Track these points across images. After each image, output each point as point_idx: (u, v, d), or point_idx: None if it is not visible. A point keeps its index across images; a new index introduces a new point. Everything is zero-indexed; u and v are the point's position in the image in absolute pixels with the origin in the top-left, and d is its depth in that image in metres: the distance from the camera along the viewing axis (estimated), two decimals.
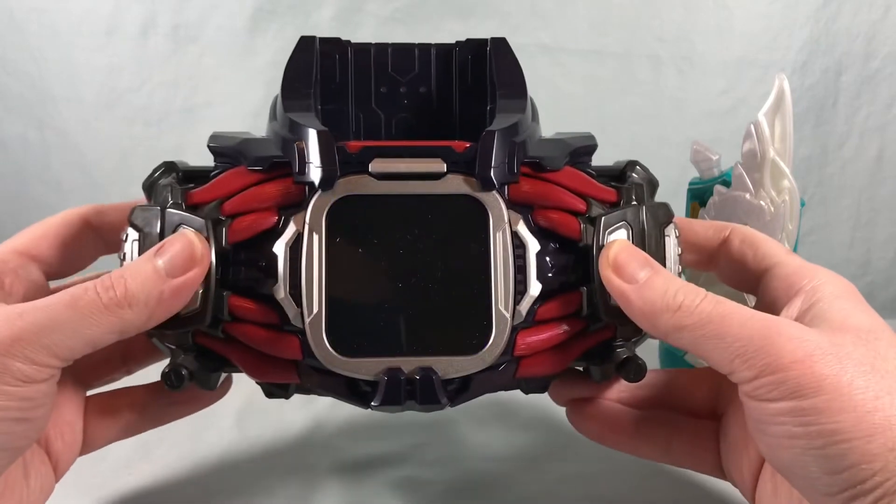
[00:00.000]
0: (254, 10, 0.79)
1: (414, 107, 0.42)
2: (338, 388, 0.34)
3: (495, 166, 0.33)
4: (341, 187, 0.33)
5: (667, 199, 0.83)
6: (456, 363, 0.33)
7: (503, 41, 0.40)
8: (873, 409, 0.26)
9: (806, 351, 0.28)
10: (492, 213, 0.33)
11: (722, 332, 0.29)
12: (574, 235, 0.34)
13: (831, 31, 0.77)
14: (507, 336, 0.33)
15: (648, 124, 0.80)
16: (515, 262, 0.33)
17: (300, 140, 0.33)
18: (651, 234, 0.34)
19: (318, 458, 0.45)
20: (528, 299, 0.33)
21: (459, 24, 0.79)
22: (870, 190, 0.80)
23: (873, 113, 0.79)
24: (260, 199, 0.34)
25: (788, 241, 0.47)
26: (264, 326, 0.33)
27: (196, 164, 0.37)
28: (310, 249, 0.33)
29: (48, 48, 0.79)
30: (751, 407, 0.29)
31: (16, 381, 0.27)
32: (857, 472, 0.26)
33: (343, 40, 0.41)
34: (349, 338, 0.33)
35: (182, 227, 0.33)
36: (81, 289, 0.29)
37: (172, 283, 0.30)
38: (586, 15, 0.79)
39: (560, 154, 0.35)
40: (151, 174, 0.36)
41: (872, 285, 0.80)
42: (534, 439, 0.48)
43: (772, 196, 0.47)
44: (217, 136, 0.36)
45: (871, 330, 0.29)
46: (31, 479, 0.32)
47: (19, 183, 0.82)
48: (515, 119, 0.35)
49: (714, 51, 0.79)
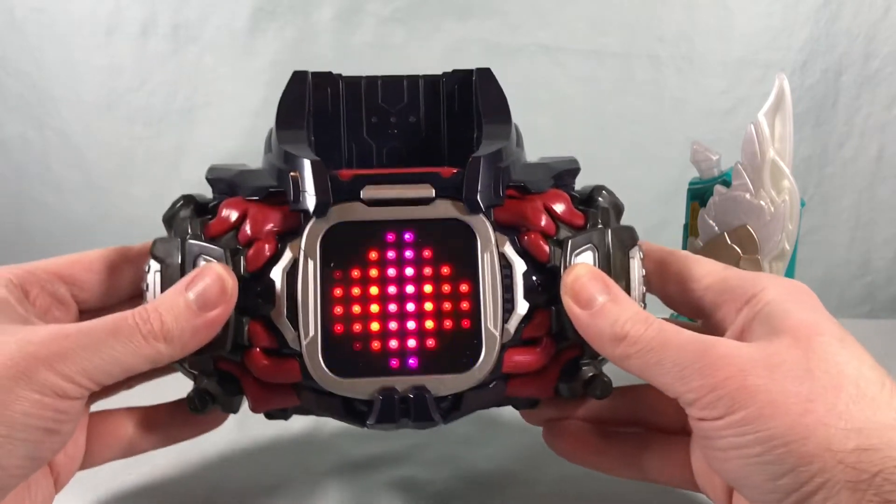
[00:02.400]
0: (253, 10, 0.79)
1: (404, 135, 0.43)
2: (335, 408, 0.35)
3: (481, 190, 0.34)
4: (334, 214, 0.34)
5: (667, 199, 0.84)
6: (448, 381, 0.34)
7: (488, 71, 0.42)
8: (805, 412, 0.27)
9: (737, 366, 0.28)
10: (479, 235, 0.34)
11: (662, 358, 0.30)
12: (543, 257, 0.35)
13: (831, 32, 0.77)
14: (497, 354, 0.34)
15: (648, 124, 0.80)
16: (503, 281, 0.34)
17: (295, 170, 0.34)
18: (616, 256, 0.35)
19: (318, 458, 0.45)
20: (515, 318, 0.35)
21: (459, 24, 0.79)
22: (870, 190, 0.80)
23: (873, 113, 0.79)
24: (264, 227, 0.35)
25: (788, 241, 0.47)
26: (263, 351, 0.35)
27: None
28: (305, 274, 0.34)
29: (48, 48, 0.80)
30: (696, 426, 0.30)
31: (52, 393, 0.28)
32: (796, 475, 0.27)
33: (334, 74, 0.42)
34: (344, 359, 0.34)
35: (202, 259, 0.34)
36: (121, 318, 0.30)
37: (206, 318, 0.31)
38: (586, 15, 0.79)
39: (544, 177, 0.37)
40: (171, 207, 0.37)
41: (872, 285, 0.80)
42: (534, 439, 0.48)
43: (772, 196, 0.47)
44: (215, 168, 0.38)
45: (812, 329, 0.30)
46: (33, 490, 0.33)
47: (19, 183, 0.82)
48: (500, 145, 0.36)
49: (714, 51, 0.79)
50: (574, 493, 0.42)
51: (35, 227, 0.82)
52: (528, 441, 0.48)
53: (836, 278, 0.81)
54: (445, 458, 0.46)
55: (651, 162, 0.80)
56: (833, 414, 0.27)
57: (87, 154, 0.82)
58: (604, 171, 0.90)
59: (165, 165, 0.82)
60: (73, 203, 0.83)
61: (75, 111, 0.81)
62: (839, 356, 0.29)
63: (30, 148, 0.82)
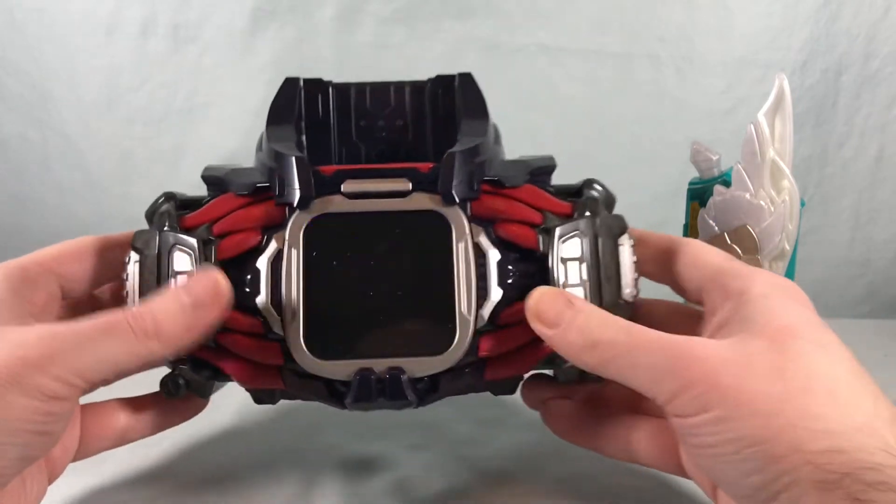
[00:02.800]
0: (254, 10, 0.79)
1: (391, 139, 0.45)
2: (317, 390, 0.37)
3: (457, 184, 0.36)
4: (317, 207, 0.36)
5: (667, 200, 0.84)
6: (424, 363, 0.36)
7: (469, 76, 0.44)
8: (776, 413, 0.27)
9: (710, 366, 0.29)
10: (454, 225, 0.36)
11: (635, 361, 0.31)
12: (532, 245, 0.37)
13: (831, 32, 0.77)
14: (471, 337, 0.36)
15: (648, 124, 0.80)
16: (477, 269, 0.36)
17: (281, 167, 0.37)
18: (605, 243, 0.37)
19: (318, 458, 0.45)
20: (489, 304, 0.36)
21: (459, 24, 0.79)
22: (870, 190, 0.80)
23: (873, 113, 0.79)
24: (245, 221, 0.37)
25: (788, 241, 0.47)
26: (250, 335, 0.36)
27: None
28: (289, 263, 0.36)
29: (48, 48, 0.80)
30: (672, 422, 0.31)
31: (43, 396, 0.29)
32: (766, 474, 0.27)
33: (325, 81, 0.44)
34: (325, 342, 0.36)
35: (177, 248, 0.36)
36: (114, 318, 0.31)
37: (196, 319, 0.32)
38: (586, 15, 0.79)
39: (519, 173, 0.39)
40: (153, 203, 0.40)
41: (872, 285, 0.80)
42: (534, 439, 0.48)
43: (772, 196, 0.47)
44: (209, 168, 0.40)
45: (790, 331, 0.30)
46: (27, 483, 0.33)
47: (19, 183, 0.82)
48: (477, 142, 0.38)
49: (714, 51, 0.79)
50: (574, 493, 0.42)
51: (35, 226, 0.82)
52: (527, 441, 0.48)
53: (836, 278, 0.81)
54: (445, 459, 0.46)
55: (651, 162, 0.80)
56: (804, 415, 0.27)
57: (87, 154, 0.82)
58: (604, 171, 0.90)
59: (165, 165, 0.82)
60: (74, 203, 0.83)
61: (75, 111, 0.81)
62: (814, 359, 0.29)
63: (30, 148, 0.82)
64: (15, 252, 0.74)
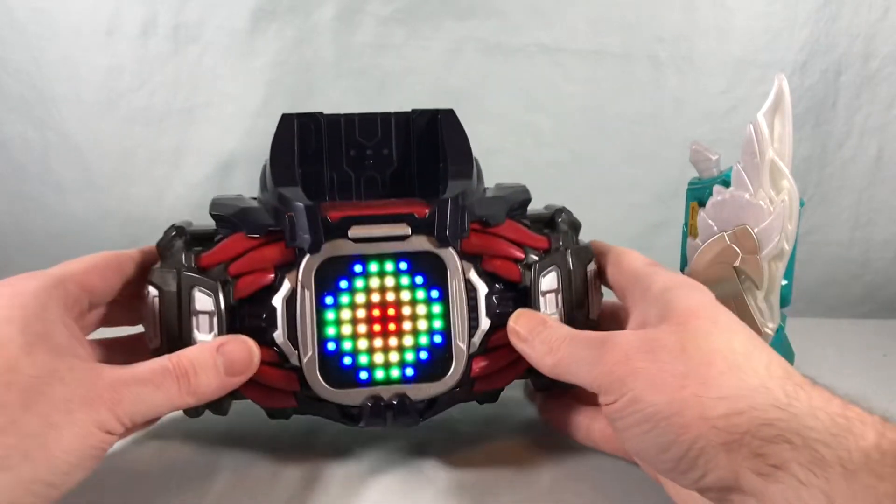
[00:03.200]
0: (254, 10, 0.79)
1: (378, 166, 0.50)
2: (330, 412, 0.42)
3: (449, 227, 0.41)
4: (326, 250, 0.41)
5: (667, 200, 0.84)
6: (425, 388, 0.41)
7: (451, 113, 0.48)
8: (681, 387, 0.31)
9: (625, 352, 0.33)
10: (449, 265, 0.41)
11: (578, 357, 0.36)
12: (515, 278, 0.43)
13: (831, 32, 0.77)
14: (465, 363, 0.41)
15: (648, 124, 0.80)
16: (469, 303, 0.42)
17: (291, 212, 0.41)
18: (576, 272, 0.44)
19: (318, 458, 0.45)
20: (480, 333, 0.42)
21: (459, 25, 0.79)
22: (869, 190, 0.80)
23: (873, 113, 0.79)
24: (260, 262, 0.42)
25: (788, 241, 0.48)
26: (267, 364, 0.41)
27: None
28: (303, 303, 0.40)
29: (49, 48, 0.80)
30: (604, 412, 0.34)
31: (105, 431, 0.32)
32: (679, 445, 0.30)
33: (317, 113, 0.48)
34: (338, 373, 0.41)
35: (197, 289, 0.41)
36: (162, 371, 0.35)
37: (230, 381, 0.38)
38: (586, 15, 0.79)
39: (501, 211, 0.44)
40: (164, 237, 0.44)
41: (872, 285, 0.80)
42: (533, 440, 0.48)
43: (771, 196, 0.47)
44: (218, 204, 0.44)
45: (689, 313, 0.34)
46: None
47: (19, 183, 0.82)
48: (464, 187, 0.43)
49: (714, 51, 0.79)
50: (574, 493, 0.42)
51: (35, 226, 0.82)
52: (527, 441, 0.48)
53: (835, 278, 0.81)
54: (445, 458, 0.46)
55: (651, 162, 0.80)
56: (705, 386, 0.30)
57: (87, 154, 0.82)
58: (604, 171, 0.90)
59: (166, 165, 0.82)
60: (74, 203, 0.83)
61: (76, 111, 0.81)
62: (711, 335, 0.33)
63: (30, 148, 0.82)
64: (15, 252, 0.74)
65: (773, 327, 0.50)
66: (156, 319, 0.41)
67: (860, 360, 0.63)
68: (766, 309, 0.49)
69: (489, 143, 0.80)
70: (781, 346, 0.54)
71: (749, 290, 0.49)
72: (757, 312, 0.49)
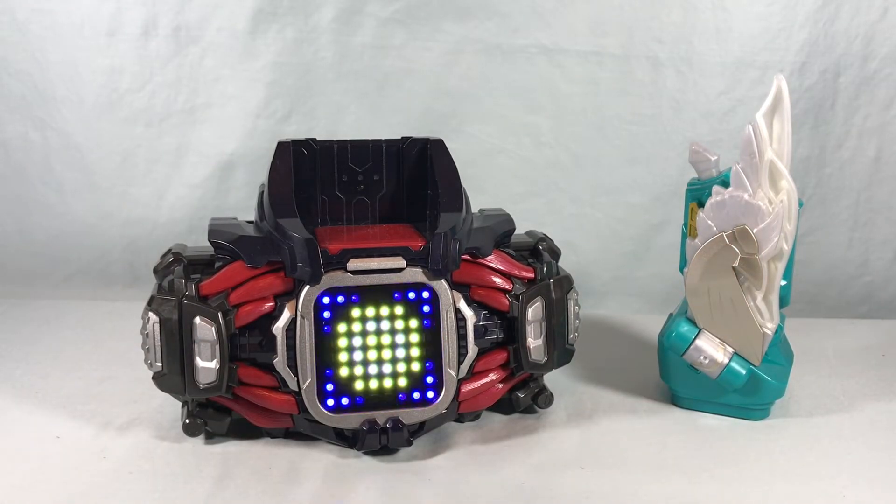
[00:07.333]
0: (254, 11, 0.79)
1: (369, 191, 0.51)
2: (327, 433, 0.45)
3: (442, 260, 0.44)
4: (324, 281, 0.43)
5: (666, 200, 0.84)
6: (416, 413, 0.45)
7: (440, 143, 0.50)
8: None
9: None
10: (441, 296, 0.44)
11: None
12: (503, 308, 0.47)
13: (830, 33, 0.77)
14: (454, 389, 0.45)
15: (648, 125, 0.80)
16: (459, 331, 0.45)
17: (291, 243, 0.43)
18: (559, 300, 0.48)
19: (318, 458, 0.45)
20: (468, 359, 0.45)
21: (459, 26, 0.79)
22: (868, 190, 0.80)
23: (871, 114, 0.79)
24: (260, 291, 0.43)
25: (787, 241, 0.48)
26: (267, 389, 0.44)
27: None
28: (302, 332, 0.43)
29: (50, 49, 0.80)
30: None
31: None
32: None
33: (311, 140, 0.49)
34: (335, 398, 0.44)
35: (199, 318, 0.42)
36: None
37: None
38: (586, 16, 0.79)
39: (489, 242, 0.47)
40: (161, 262, 0.45)
41: (871, 285, 0.80)
42: (533, 440, 0.49)
43: (770, 196, 0.48)
44: (216, 231, 0.45)
45: None
46: None
47: (20, 183, 0.82)
48: (455, 221, 0.46)
49: (713, 52, 0.79)
50: (574, 493, 0.42)
51: (36, 227, 0.82)
52: (527, 442, 0.48)
53: (834, 278, 0.81)
54: (445, 458, 0.46)
55: (650, 162, 0.80)
56: None
57: (88, 155, 0.82)
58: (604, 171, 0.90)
59: (166, 166, 0.82)
60: (74, 203, 0.83)
61: (77, 112, 0.81)
62: None
63: (31, 148, 0.82)
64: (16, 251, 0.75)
65: (772, 327, 0.50)
66: (157, 347, 0.43)
67: (859, 360, 0.63)
68: (766, 309, 0.49)
69: (489, 143, 0.80)
70: (781, 347, 0.54)
71: (748, 291, 0.49)
72: (756, 313, 0.49)
